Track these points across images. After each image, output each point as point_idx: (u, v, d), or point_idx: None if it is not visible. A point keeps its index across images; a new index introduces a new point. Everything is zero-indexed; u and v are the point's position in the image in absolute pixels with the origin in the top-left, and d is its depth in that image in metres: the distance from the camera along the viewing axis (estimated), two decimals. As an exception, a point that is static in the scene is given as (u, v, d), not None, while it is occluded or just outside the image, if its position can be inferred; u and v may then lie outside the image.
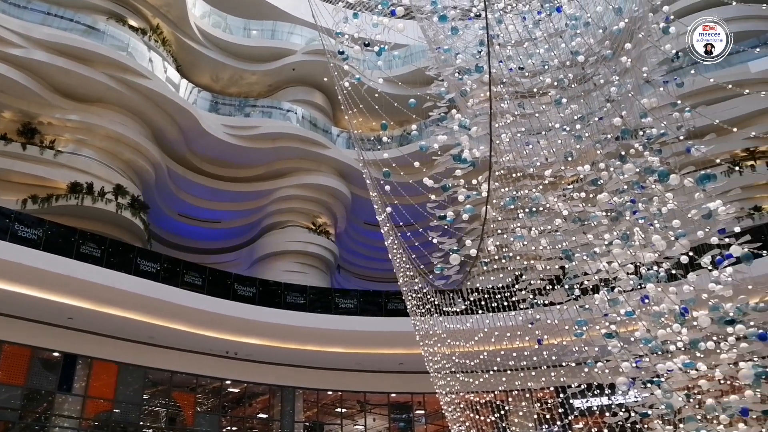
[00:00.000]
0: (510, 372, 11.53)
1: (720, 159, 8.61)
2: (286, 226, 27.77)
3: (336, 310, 21.59)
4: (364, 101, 8.77)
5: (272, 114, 27.96)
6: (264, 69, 29.69)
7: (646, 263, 7.67)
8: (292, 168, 27.70)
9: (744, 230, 7.61)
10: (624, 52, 8.32)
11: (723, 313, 6.91)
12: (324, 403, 23.94)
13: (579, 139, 8.47)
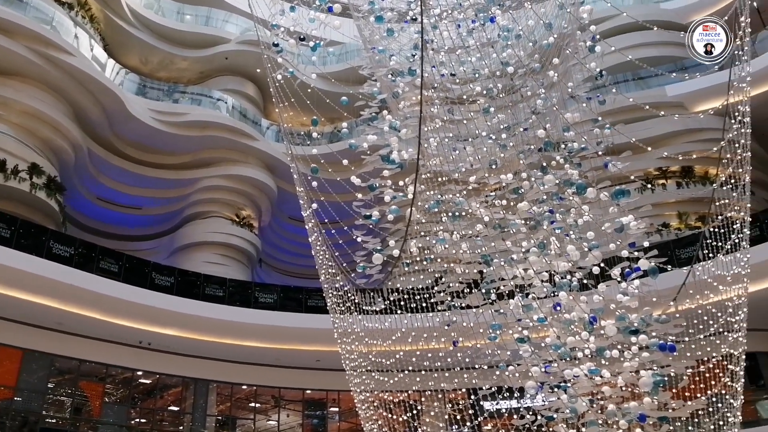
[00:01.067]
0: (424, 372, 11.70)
1: (634, 176, 9.02)
2: (209, 216, 27.24)
3: (256, 304, 21.32)
4: (296, 95, 8.71)
5: (202, 102, 27.36)
6: (196, 55, 29.04)
7: (560, 272, 7.93)
8: (218, 158, 27.19)
9: (652, 245, 7.99)
10: (551, 67, 8.58)
11: (628, 323, 7.24)
12: (238, 397, 23.61)
13: (504, 148, 8.69)
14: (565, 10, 8.85)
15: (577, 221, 8.02)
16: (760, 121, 20.59)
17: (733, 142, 8.46)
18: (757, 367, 19.56)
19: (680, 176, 22.61)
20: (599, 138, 8.55)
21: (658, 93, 22.30)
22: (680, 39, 25.38)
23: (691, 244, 10.85)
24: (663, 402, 7.80)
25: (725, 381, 9.05)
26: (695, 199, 21.40)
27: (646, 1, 27.40)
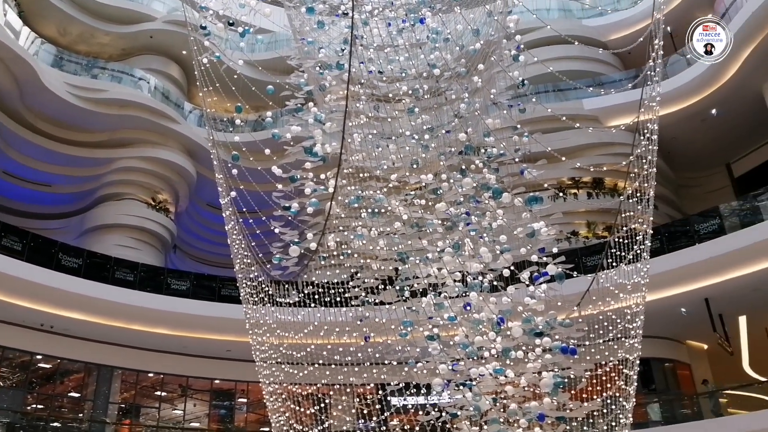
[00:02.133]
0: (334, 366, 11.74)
1: (548, 184, 9.32)
2: (124, 198, 26.32)
3: (167, 290, 20.77)
4: (222, 81, 8.56)
5: (122, 80, 26.36)
6: (119, 31, 27.98)
7: (472, 273, 8.14)
8: (137, 139, 26.29)
9: (561, 252, 8.30)
10: (476, 72, 8.78)
11: (534, 325, 7.51)
12: (144, 385, 22.96)
13: (426, 149, 8.82)
14: (493, 18, 9.06)
15: (492, 224, 8.24)
16: (667, 140, 21.84)
17: (640, 157, 8.87)
18: (650, 372, 20.67)
19: (591, 187, 23.58)
20: (517, 145, 8.81)
21: (575, 105, 23.15)
22: (599, 55, 26.56)
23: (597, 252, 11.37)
24: (562, 402, 8.13)
25: (620, 384, 9.51)
26: (604, 210, 22.36)
27: (570, 17, 28.39)
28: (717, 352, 20.99)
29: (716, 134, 23.64)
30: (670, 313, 18.76)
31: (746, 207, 19.13)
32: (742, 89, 20.99)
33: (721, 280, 17.67)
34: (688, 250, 18.04)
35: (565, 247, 20.00)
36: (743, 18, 19.03)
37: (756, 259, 16.92)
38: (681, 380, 21.81)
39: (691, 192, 26.35)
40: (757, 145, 23.72)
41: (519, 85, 8.94)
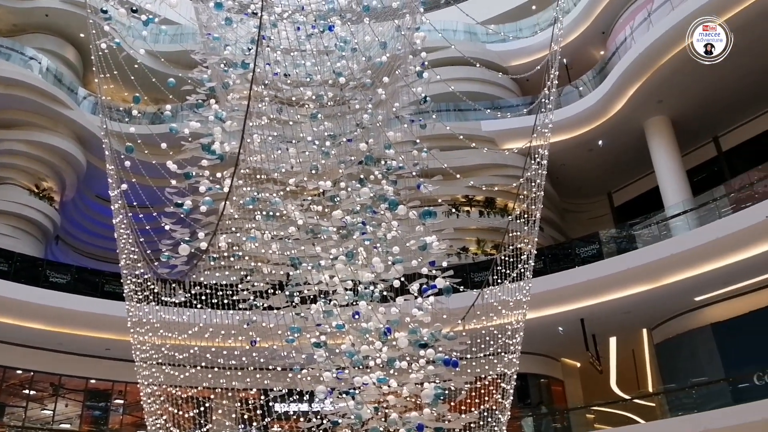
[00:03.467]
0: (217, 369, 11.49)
1: (443, 200, 9.57)
2: (4, 183, 24.63)
3: (46, 283, 19.53)
4: (120, 69, 8.23)
5: (11, 57, 24.66)
6: (11, 5, 26.24)
7: (363, 282, 8.23)
8: (23, 121, 24.68)
9: (450, 266, 8.52)
10: (381, 85, 8.90)
11: (419, 337, 7.67)
12: (11, 383, 21.48)
13: (326, 156, 8.85)
14: (401, 33, 9.22)
15: (386, 235, 8.36)
16: (556, 166, 22.91)
17: (530, 180, 9.27)
18: (526, 387, 21.55)
19: (483, 206, 24.39)
20: (416, 160, 8.99)
21: (474, 126, 23.90)
22: (499, 79, 27.45)
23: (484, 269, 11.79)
24: (441, 413, 8.33)
25: (497, 398, 9.85)
26: (493, 229, 23.17)
27: (475, 40, 29.30)
28: (588, 370, 22.16)
29: (601, 164, 25.05)
30: (548, 331, 19.65)
31: (623, 235, 20.41)
32: (626, 124, 22.37)
33: (597, 302, 18.71)
34: (568, 272, 18.99)
35: (455, 262, 20.52)
36: (631, 58, 20.32)
37: (629, 284, 18.05)
38: (554, 396, 22.85)
39: (575, 217, 27.78)
40: (636, 178, 25.33)
41: (421, 101, 9.14)
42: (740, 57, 18.96)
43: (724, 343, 18.49)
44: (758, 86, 20.33)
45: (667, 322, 20.18)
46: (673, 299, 18.64)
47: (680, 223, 18.89)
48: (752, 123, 22.10)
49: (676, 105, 21.25)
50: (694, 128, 22.15)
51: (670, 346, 20.28)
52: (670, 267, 17.27)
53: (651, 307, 19.21)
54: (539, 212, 9.53)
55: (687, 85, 20.30)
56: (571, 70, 26.13)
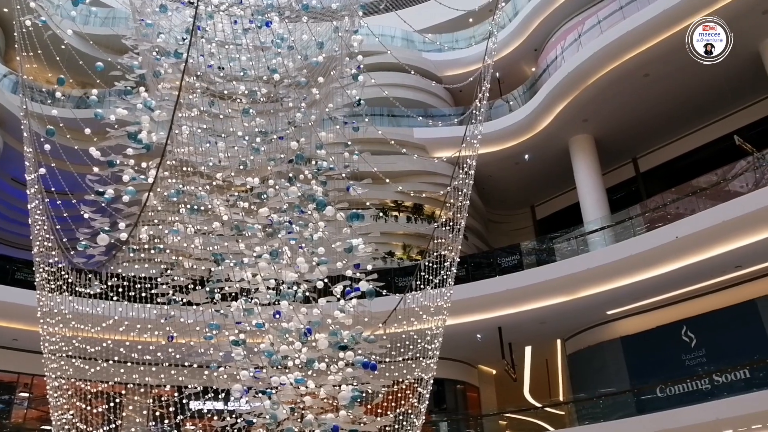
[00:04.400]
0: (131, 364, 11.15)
1: (371, 203, 9.62)
2: None
3: (-53, 268, 18.52)
4: (45, 48, 7.91)
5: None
6: (-75, -28, 24.79)
7: (287, 282, 8.17)
8: (-65, 94, 23.36)
9: (375, 270, 8.58)
10: (316, 85, 8.88)
11: (340, 339, 7.68)
12: None
13: (256, 152, 8.76)
14: (339, 34, 9.24)
15: (312, 236, 8.34)
16: (483, 177, 23.39)
17: (457, 189, 9.44)
18: (443, 392, 21.88)
19: (411, 212, 24.64)
20: (347, 162, 9.01)
21: (406, 132, 24.10)
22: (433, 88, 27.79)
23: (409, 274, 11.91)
24: (357, 416, 8.36)
25: (413, 402, 9.97)
26: (420, 235, 23.42)
27: (412, 47, 29.58)
28: (503, 378, 22.70)
29: (526, 178, 25.74)
30: (466, 337, 20.02)
31: (543, 247, 21.04)
32: (552, 140, 23.08)
33: (515, 311, 19.20)
34: (488, 281, 19.42)
35: (380, 266, 20.67)
36: (560, 76, 20.99)
37: (546, 296, 18.61)
38: (470, 402, 23.28)
39: (499, 228, 28.42)
40: (559, 193, 26.15)
41: (355, 104, 9.17)
42: (660, 84, 19.94)
43: (632, 355, 19.33)
44: (675, 113, 21.40)
45: (580, 333, 20.92)
46: (586, 312, 19.34)
47: (598, 239, 19.62)
48: (668, 147, 23.23)
49: (599, 125, 22.08)
50: (615, 148, 23.07)
51: (581, 357, 21.02)
52: (586, 281, 17.92)
53: (566, 318, 19.86)
54: (464, 221, 9.71)
55: (611, 107, 21.14)
56: (503, 84, 26.76)
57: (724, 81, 19.71)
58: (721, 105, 20.93)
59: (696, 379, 17.02)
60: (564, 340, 22.03)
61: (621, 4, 20.26)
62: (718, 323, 17.69)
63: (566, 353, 22.07)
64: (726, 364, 16.61)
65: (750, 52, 18.57)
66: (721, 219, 15.42)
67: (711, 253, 16.09)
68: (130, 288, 9.16)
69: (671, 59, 18.88)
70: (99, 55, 7.84)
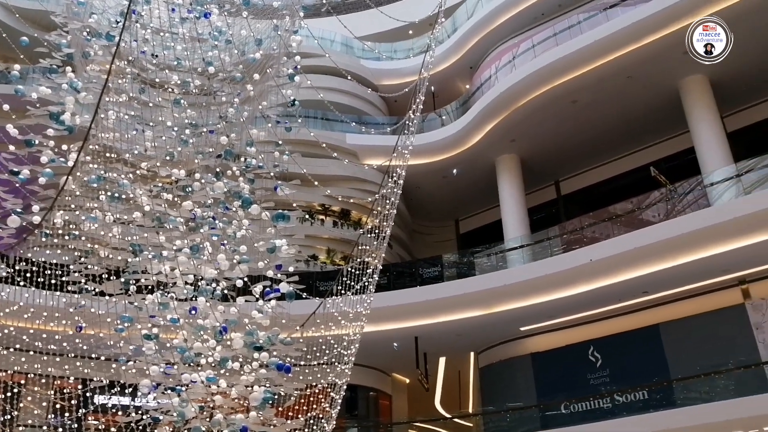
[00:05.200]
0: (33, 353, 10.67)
1: (298, 205, 9.59)
2: None
3: None
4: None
5: None
6: None
7: (206, 278, 8.05)
8: None
9: (297, 272, 8.55)
10: (251, 81, 8.80)
11: (256, 339, 7.62)
12: None
13: (184, 144, 8.60)
14: (278, 33, 9.19)
15: (236, 233, 8.25)
16: (411, 188, 23.66)
17: (385, 197, 9.54)
18: (356, 398, 21.91)
19: (338, 217, 24.62)
20: (277, 161, 8.96)
21: (338, 137, 24.10)
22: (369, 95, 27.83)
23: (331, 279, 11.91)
24: (267, 418, 8.30)
25: (324, 406, 9.96)
26: (345, 240, 23.45)
27: (351, 53, 29.65)
28: (416, 387, 22.93)
29: (453, 192, 26.16)
30: (383, 346, 20.12)
31: (464, 261, 21.45)
32: (480, 157, 23.55)
33: (433, 322, 19.45)
34: (409, 291, 19.61)
35: (303, 268, 20.54)
36: (492, 96, 21.48)
37: (463, 308, 18.94)
38: (381, 409, 23.41)
39: (423, 239, 28.75)
40: (483, 209, 26.67)
41: (289, 104, 9.14)
42: (586, 111, 20.72)
43: (540, 372, 19.91)
44: (598, 140, 22.25)
45: (493, 347, 21.39)
46: (501, 327, 19.80)
47: (516, 256, 20.14)
48: (590, 173, 24.11)
49: (526, 146, 22.70)
50: (539, 170, 23.76)
51: (492, 371, 21.49)
52: (502, 296, 18.36)
53: (481, 332, 20.26)
54: (390, 229, 9.80)
55: (538, 130, 21.78)
56: (438, 98, 27.17)
57: (645, 114, 20.70)
58: (640, 137, 21.91)
59: (599, 398, 17.71)
60: (477, 353, 22.47)
61: (555, 31, 20.96)
62: (622, 345, 18.45)
63: (479, 366, 22.51)
64: (627, 385, 17.36)
65: (670, 89, 19.59)
66: (633, 245, 16.14)
67: (621, 278, 16.79)
68: (39, 274, 8.79)
69: (598, 88, 19.68)
70: (25, 30, 7.54)
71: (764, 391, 14.78)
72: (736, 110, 20.34)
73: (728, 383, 15.78)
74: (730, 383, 15.77)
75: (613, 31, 18.48)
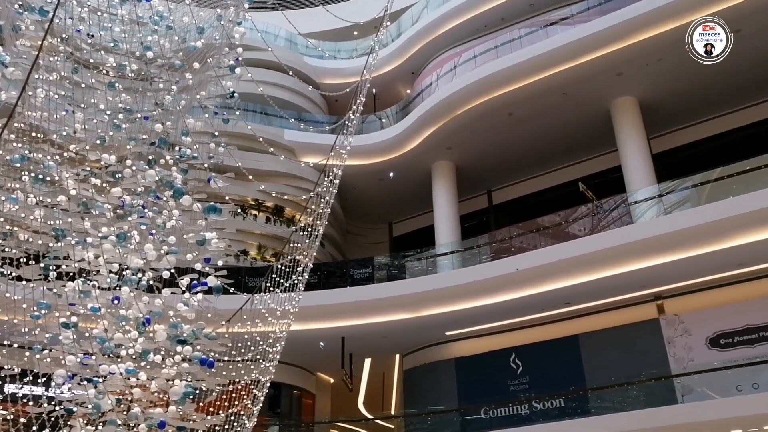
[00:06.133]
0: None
1: (231, 199, 9.46)
2: None
3: None
4: None
5: None
6: None
7: (131, 267, 7.83)
8: None
9: (226, 266, 8.43)
10: (190, 70, 8.62)
11: (180, 332, 7.47)
12: None
13: (117, 129, 8.35)
14: (221, 23, 9.05)
15: (165, 224, 8.07)
16: (347, 188, 23.69)
17: (320, 196, 9.51)
18: (279, 396, 21.75)
19: (272, 213, 24.39)
20: (212, 153, 8.81)
21: (276, 133, 23.90)
22: (310, 93, 27.76)
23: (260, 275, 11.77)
24: (187, 413, 8.15)
25: (246, 403, 9.85)
26: (277, 237, 23.23)
27: (294, 50, 29.45)
28: (340, 387, 22.94)
29: (388, 195, 26.32)
30: (309, 344, 20.07)
31: (395, 264, 21.61)
32: (416, 162, 23.79)
33: (360, 323, 19.52)
34: (339, 291, 19.63)
35: (233, 263, 20.26)
36: (431, 103, 21.76)
37: (392, 311, 19.09)
38: (304, 408, 23.30)
39: (356, 240, 28.79)
40: (417, 213, 26.94)
41: (228, 96, 9.00)
42: (521, 124, 21.24)
43: (463, 376, 20.25)
44: (531, 153, 22.85)
45: (419, 351, 21.63)
46: (427, 330, 20.04)
47: (446, 262, 20.45)
48: (521, 184, 24.72)
49: (462, 154, 23.08)
50: (473, 179, 24.19)
51: (416, 374, 21.72)
52: (431, 300, 18.59)
53: (407, 335, 20.46)
54: (323, 228, 9.78)
55: (474, 139, 22.18)
56: (378, 100, 27.31)
57: (577, 131, 21.39)
58: (572, 152, 22.60)
59: (517, 404, 18.16)
60: (403, 356, 22.66)
61: (496, 44, 21.41)
62: (543, 353, 18.99)
63: (403, 368, 22.70)
64: (545, 393, 17.87)
65: (602, 109, 20.32)
66: (558, 257, 16.63)
67: (546, 288, 17.28)
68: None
69: (534, 103, 20.22)
70: (-50, -2, 7.16)
71: (673, 403, 15.50)
72: (661, 133, 21.28)
73: (639, 394, 16.46)
74: (641, 394, 16.46)
75: (551, 48, 19.04)
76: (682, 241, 15.34)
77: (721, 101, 20.24)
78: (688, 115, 20.86)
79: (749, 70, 18.79)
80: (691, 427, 14.33)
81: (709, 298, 17.00)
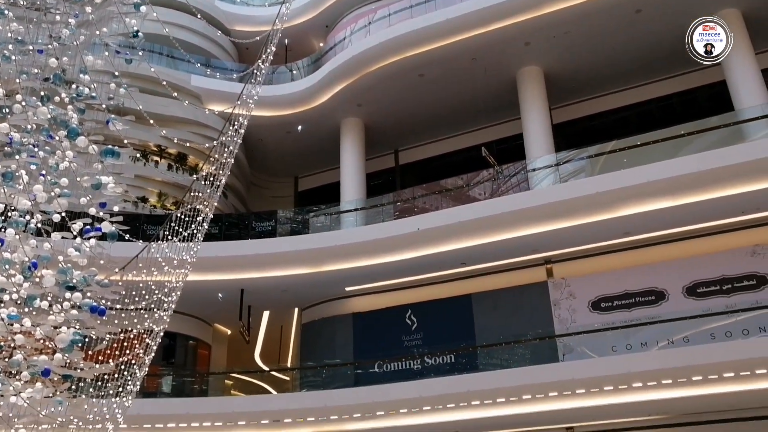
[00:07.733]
0: None
1: (130, 143, 9.12)
2: None
3: None
4: None
5: None
6: None
7: (18, 209, 7.46)
8: None
9: (123, 212, 8.17)
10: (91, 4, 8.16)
11: (69, 278, 7.22)
12: None
13: (6, 60, 7.84)
14: (127, -43, 8.58)
15: (58, 165, 7.70)
16: (254, 140, 23.33)
17: (225, 145, 9.33)
18: (174, 346, 21.49)
19: (174, 160, 23.66)
20: (112, 93, 8.42)
21: (183, 78, 23.06)
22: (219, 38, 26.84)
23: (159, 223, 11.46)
24: (74, 361, 7.93)
25: (138, 352, 9.70)
26: (178, 185, 22.62)
27: (206, -9, 28.30)
28: (237, 339, 22.91)
29: (295, 148, 26.06)
30: (207, 295, 19.86)
31: (299, 219, 21.59)
32: (325, 118, 23.64)
33: (260, 276, 19.46)
34: (239, 242, 19.47)
35: (130, 210, 19.59)
36: (343, 58, 21.59)
37: (292, 265, 19.14)
38: (200, 359, 23.13)
39: (260, 192, 28.45)
40: (324, 169, 26.86)
41: (132, 35, 8.59)
42: (431, 86, 21.48)
43: (360, 331, 20.69)
44: (439, 116, 23.21)
45: (318, 305, 21.85)
46: (327, 285, 20.26)
47: (351, 219, 20.62)
48: (427, 146, 25.10)
49: (371, 112, 23.13)
50: (381, 138, 24.34)
51: (314, 327, 21.98)
52: (332, 256, 18.77)
53: (307, 289, 20.61)
54: (226, 178, 9.62)
55: (384, 98, 22.26)
56: (290, 51, 26.77)
57: (484, 97, 21.86)
58: (477, 117, 23.11)
59: (410, 359, 18.78)
60: (301, 310, 22.82)
61: (412, 3, 21.38)
62: (437, 311, 19.66)
63: (301, 322, 22.89)
64: (438, 349, 18.57)
65: (508, 76, 20.85)
66: (458, 219, 17.13)
67: (444, 248, 17.79)
68: None
69: (445, 66, 20.47)
70: None
71: (555, 361, 16.51)
72: (563, 104, 22.11)
73: (525, 352, 17.42)
74: (527, 352, 17.42)
75: (463, 13, 19.25)
76: (574, 209, 16.14)
77: (621, 77, 21.23)
78: (589, 89, 21.74)
79: (647, 49, 19.77)
80: (569, 384, 15.33)
81: (594, 264, 18.09)
